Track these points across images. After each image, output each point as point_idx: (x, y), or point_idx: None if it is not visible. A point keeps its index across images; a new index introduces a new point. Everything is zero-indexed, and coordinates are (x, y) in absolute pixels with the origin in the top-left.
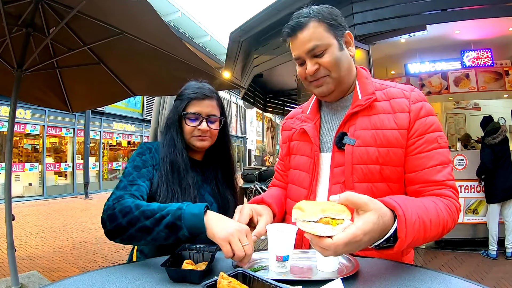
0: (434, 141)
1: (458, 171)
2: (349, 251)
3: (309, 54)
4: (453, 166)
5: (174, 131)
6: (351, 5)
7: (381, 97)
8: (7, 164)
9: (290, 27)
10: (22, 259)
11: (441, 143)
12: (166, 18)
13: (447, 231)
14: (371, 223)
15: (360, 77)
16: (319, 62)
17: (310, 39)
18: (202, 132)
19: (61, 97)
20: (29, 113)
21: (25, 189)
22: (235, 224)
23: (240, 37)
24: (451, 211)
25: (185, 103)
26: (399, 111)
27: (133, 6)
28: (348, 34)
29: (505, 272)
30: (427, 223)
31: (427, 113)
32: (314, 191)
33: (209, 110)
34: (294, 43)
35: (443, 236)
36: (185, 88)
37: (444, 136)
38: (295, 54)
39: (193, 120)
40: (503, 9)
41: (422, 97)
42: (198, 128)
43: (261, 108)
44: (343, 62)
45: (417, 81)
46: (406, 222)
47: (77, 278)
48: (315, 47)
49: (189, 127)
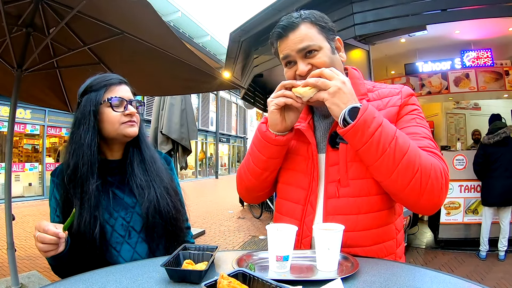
0: (410, 121)
1: (458, 171)
2: (333, 78)
3: (301, 54)
4: (453, 166)
5: (84, 129)
6: (351, 5)
7: (373, 98)
8: (7, 164)
9: (282, 26)
10: (22, 259)
11: (418, 123)
12: (166, 18)
13: (425, 169)
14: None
15: (351, 78)
16: (312, 63)
17: (302, 39)
18: (131, 117)
19: (61, 97)
20: (29, 113)
21: (25, 189)
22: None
23: (240, 37)
24: (433, 158)
25: (103, 92)
26: (390, 106)
27: (133, 6)
28: (338, 39)
29: (505, 272)
30: (392, 125)
31: (411, 103)
32: (315, 192)
33: (128, 95)
34: (284, 43)
35: (422, 178)
36: (91, 82)
37: (424, 120)
38: (285, 52)
39: (117, 106)
40: (503, 9)
41: (411, 92)
42: (127, 113)
43: (261, 108)
44: (335, 65)
45: (417, 81)
46: (369, 105)
47: (77, 278)
48: (307, 46)
49: (115, 113)
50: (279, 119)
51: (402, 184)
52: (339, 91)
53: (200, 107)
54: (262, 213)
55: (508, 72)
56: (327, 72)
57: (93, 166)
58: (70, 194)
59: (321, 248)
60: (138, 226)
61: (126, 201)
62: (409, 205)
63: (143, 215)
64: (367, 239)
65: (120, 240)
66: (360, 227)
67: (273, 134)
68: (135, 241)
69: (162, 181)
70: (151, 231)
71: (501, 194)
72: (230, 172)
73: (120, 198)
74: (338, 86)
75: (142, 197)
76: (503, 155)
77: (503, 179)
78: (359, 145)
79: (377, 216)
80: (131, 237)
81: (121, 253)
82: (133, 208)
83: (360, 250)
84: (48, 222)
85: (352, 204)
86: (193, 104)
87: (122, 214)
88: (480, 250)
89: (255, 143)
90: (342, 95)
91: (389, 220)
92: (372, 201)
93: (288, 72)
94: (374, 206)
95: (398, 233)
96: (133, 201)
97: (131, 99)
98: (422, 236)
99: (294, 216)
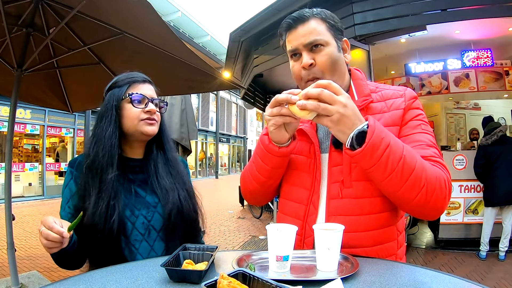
0: (416, 127)
1: (458, 171)
2: (334, 102)
3: (307, 47)
4: (453, 166)
5: (106, 122)
6: (351, 5)
7: (376, 99)
8: (7, 164)
9: (293, 18)
10: (22, 259)
11: (424, 130)
12: (166, 18)
13: (431, 182)
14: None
15: (355, 79)
16: (315, 59)
17: (310, 33)
18: (150, 114)
19: (61, 97)
20: (29, 113)
21: (25, 189)
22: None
23: (240, 37)
24: (437, 169)
25: (126, 88)
26: (394, 109)
27: (133, 6)
28: (345, 41)
29: (505, 272)
30: (399, 141)
31: (415, 107)
32: (317, 191)
33: (150, 93)
34: (292, 35)
35: (428, 191)
36: (117, 79)
37: (429, 126)
38: (292, 46)
39: (139, 102)
40: (503, 9)
41: (415, 95)
42: (147, 110)
43: (261, 108)
44: (339, 65)
45: (417, 81)
46: (377, 122)
47: (77, 278)
48: (314, 40)
49: (135, 109)
50: (280, 134)
51: (408, 198)
52: (342, 117)
53: (200, 107)
54: (262, 213)
55: (508, 72)
56: (326, 95)
57: (113, 158)
58: (88, 184)
59: (321, 248)
60: (158, 225)
61: (148, 200)
62: (413, 213)
63: (164, 216)
64: (369, 240)
65: (139, 238)
66: (362, 228)
67: (277, 147)
68: (154, 239)
69: (185, 183)
70: (171, 231)
71: (506, 193)
72: (230, 172)
73: (142, 196)
74: (341, 113)
75: (166, 199)
76: (503, 153)
77: (506, 178)
78: (367, 166)
79: (379, 217)
80: (150, 235)
81: (139, 250)
82: (155, 207)
83: (361, 250)
84: (54, 219)
85: (354, 205)
86: (193, 104)
87: (144, 212)
88: (480, 250)
89: (259, 155)
90: (346, 121)
91: (391, 222)
92: (375, 203)
93: (295, 65)
94: (377, 207)
95: (400, 235)
96: (155, 201)
97: (153, 97)
98: (422, 236)
99: (296, 216)
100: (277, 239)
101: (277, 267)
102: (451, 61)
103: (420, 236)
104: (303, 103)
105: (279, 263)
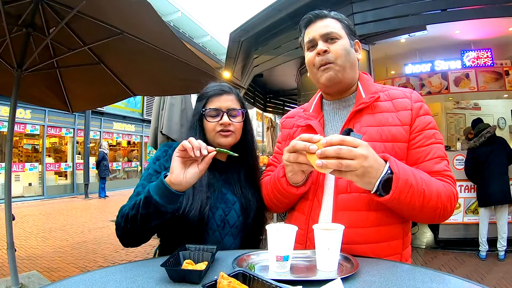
0: (431, 137)
1: (458, 171)
2: (355, 157)
3: (323, 37)
4: (453, 166)
5: (194, 132)
6: (351, 5)
7: (383, 98)
8: (7, 164)
9: (313, 14)
10: (22, 259)
11: (437, 139)
12: (166, 18)
13: (444, 205)
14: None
15: (362, 80)
16: (329, 47)
17: (327, 26)
18: (224, 126)
19: (61, 97)
20: (29, 113)
21: (25, 189)
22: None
23: (240, 37)
24: (448, 189)
25: (204, 101)
26: (401, 109)
27: (133, 6)
28: (357, 43)
29: (505, 272)
30: (417, 175)
31: (426, 112)
32: (321, 186)
33: (228, 104)
34: (310, 28)
35: (441, 211)
36: (202, 91)
37: (440, 133)
38: (310, 37)
39: (214, 116)
40: (503, 9)
41: (421, 98)
42: (220, 122)
43: (261, 108)
44: (350, 56)
45: (417, 81)
46: (397, 162)
47: (77, 278)
48: (330, 33)
49: (210, 123)
50: (298, 176)
51: (423, 219)
52: (365, 170)
53: None
54: None
55: (508, 72)
56: (345, 151)
57: None
58: None
59: (321, 248)
60: (232, 221)
61: (228, 197)
62: (417, 222)
63: (241, 216)
64: (375, 236)
65: (214, 228)
66: (369, 223)
67: (295, 189)
68: (225, 233)
69: (260, 191)
70: (242, 230)
71: (496, 193)
72: None
73: (223, 193)
74: (365, 166)
75: (247, 204)
76: (491, 153)
77: (496, 177)
78: (390, 205)
79: (386, 214)
80: (224, 229)
81: (211, 238)
82: (233, 205)
83: (366, 247)
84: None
85: (362, 200)
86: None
87: (223, 206)
88: (480, 250)
89: (278, 192)
90: (370, 172)
91: (398, 219)
92: None
93: (310, 56)
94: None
95: (406, 235)
96: (234, 200)
97: (230, 108)
98: (422, 236)
99: (301, 210)
100: (277, 239)
101: (277, 267)
102: (451, 61)
103: (420, 236)
104: (323, 162)
105: (279, 263)
